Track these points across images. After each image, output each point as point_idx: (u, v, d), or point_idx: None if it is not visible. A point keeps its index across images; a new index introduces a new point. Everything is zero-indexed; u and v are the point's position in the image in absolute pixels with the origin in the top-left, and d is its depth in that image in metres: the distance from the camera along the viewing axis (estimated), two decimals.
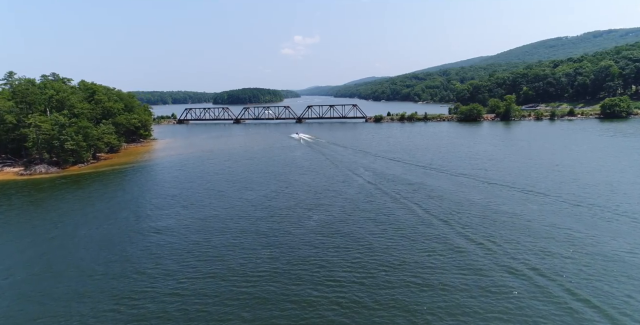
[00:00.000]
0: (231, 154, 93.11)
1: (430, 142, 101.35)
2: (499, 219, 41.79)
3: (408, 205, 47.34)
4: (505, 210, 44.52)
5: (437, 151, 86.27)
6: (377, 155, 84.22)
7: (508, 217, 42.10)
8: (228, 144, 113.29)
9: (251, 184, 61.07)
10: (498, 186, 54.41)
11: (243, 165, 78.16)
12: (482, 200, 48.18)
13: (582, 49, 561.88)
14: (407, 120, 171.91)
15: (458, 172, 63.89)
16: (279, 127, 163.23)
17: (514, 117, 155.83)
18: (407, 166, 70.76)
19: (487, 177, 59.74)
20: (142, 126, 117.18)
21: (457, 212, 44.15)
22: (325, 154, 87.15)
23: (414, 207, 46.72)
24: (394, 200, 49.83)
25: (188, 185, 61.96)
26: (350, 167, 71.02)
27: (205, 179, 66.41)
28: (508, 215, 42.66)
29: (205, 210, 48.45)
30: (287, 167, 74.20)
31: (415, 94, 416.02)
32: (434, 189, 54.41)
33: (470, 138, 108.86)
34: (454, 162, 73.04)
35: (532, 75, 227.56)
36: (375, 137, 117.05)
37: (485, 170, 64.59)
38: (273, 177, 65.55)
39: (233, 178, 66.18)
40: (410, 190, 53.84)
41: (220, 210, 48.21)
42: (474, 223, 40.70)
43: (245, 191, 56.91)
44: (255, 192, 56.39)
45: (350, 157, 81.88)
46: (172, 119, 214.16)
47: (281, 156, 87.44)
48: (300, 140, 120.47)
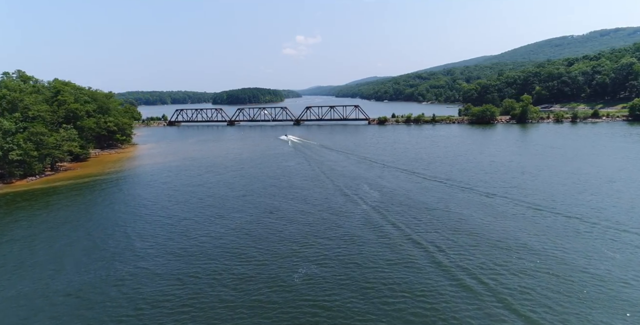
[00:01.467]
0: (214, 164, 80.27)
1: (443, 149, 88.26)
2: (587, 284, 28.78)
3: (432, 255, 34.31)
4: (584, 267, 31.47)
5: (454, 161, 73.20)
6: (384, 165, 71.23)
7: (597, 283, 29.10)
8: (215, 151, 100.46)
9: (226, 210, 48.12)
10: (550, 215, 41.26)
11: (224, 179, 65.28)
12: (539, 241, 35.09)
13: (589, 48, 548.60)
14: (414, 122, 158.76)
15: (487, 191, 50.81)
16: (275, 130, 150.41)
17: (531, 119, 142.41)
18: (422, 182, 57.67)
19: (530, 199, 46.55)
20: (118, 130, 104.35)
21: (509, 270, 31.11)
22: (322, 165, 74.16)
23: (441, 258, 33.65)
24: (409, 240, 36.79)
25: (147, 210, 49.07)
26: (352, 184, 58.00)
27: (173, 199, 53.55)
28: (596, 279, 29.65)
29: (146, 258, 35.48)
30: (275, 184, 61.19)
31: (419, 94, 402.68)
32: (462, 218, 41.34)
33: (488, 144, 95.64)
34: (479, 175, 59.91)
35: (545, 74, 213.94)
36: (380, 143, 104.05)
37: (522, 189, 51.47)
38: (255, 199, 52.60)
39: (206, 199, 53.26)
40: (431, 223, 40.75)
41: (167, 258, 35.23)
42: (541, 294, 27.67)
43: (215, 222, 43.88)
44: (228, 222, 43.40)
45: (352, 169, 68.88)
46: (163, 120, 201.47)
47: (271, 167, 74.52)
48: (289, 142, 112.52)
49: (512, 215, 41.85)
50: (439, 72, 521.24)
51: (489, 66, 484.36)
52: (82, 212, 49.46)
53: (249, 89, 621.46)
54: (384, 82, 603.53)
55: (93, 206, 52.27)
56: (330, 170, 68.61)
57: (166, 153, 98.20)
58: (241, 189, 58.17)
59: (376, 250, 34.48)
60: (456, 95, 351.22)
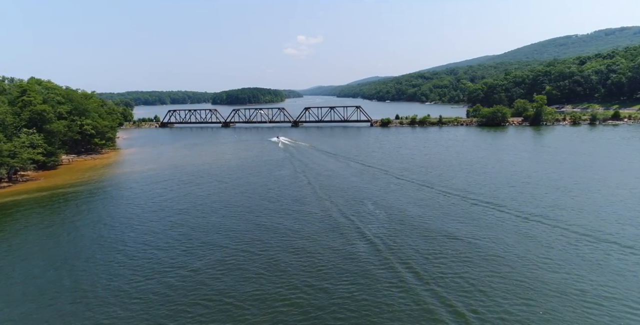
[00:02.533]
0: (198, 173, 70.85)
1: (455, 156, 78.66)
2: None
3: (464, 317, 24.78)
4: None
5: (470, 170, 63.57)
6: (390, 174, 61.73)
7: None
8: (202, 156, 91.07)
9: (195, 242, 38.69)
10: (617, 249, 31.69)
11: (204, 192, 55.83)
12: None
13: (595, 47, 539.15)
14: (419, 124, 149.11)
15: (521, 212, 41.18)
16: (272, 132, 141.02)
17: (545, 121, 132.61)
18: (437, 197, 48.08)
19: (586, 227, 36.94)
20: (97, 134, 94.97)
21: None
22: (320, 176, 64.64)
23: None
24: (433, 296, 27.24)
25: (102, 236, 39.66)
26: (354, 203, 48.48)
27: (138, 220, 44.15)
28: None
29: (92, 310, 26.05)
30: (261, 203, 51.63)
31: (422, 94, 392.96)
32: (499, 254, 31.73)
33: (504, 150, 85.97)
34: (505, 190, 50.26)
35: (556, 73, 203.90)
36: (384, 147, 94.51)
37: (564, 210, 41.86)
38: (233, 226, 43.16)
39: (177, 223, 43.80)
40: (459, 260, 31.20)
41: (117, 312, 25.79)
42: None
43: (176, 263, 34.48)
44: (192, 261, 33.95)
45: (353, 181, 59.35)
46: (155, 122, 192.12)
47: (260, 177, 65.03)
48: (279, 143, 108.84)
49: (574, 250, 32.25)
50: (441, 72, 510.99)
51: (493, 65, 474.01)
52: (14, 239, 40.06)
53: (249, 89, 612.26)
54: (385, 82, 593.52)
55: (30, 231, 42.83)
56: (328, 183, 59.10)
57: (148, 159, 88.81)
58: (220, 209, 48.69)
59: (372, 310, 24.96)
60: (460, 95, 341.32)
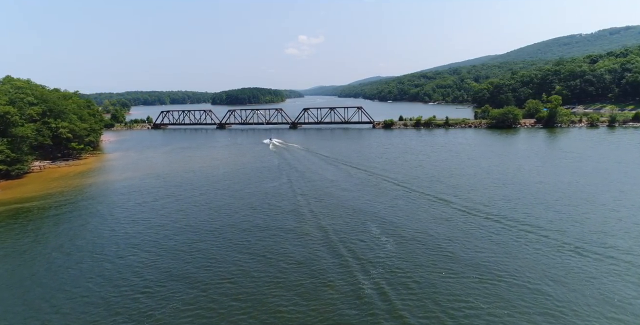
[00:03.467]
0: (180, 184, 62.84)
1: (468, 163, 70.42)
2: None
3: None
4: None
5: (489, 181, 55.31)
6: (396, 184, 53.58)
7: None
8: (189, 163, 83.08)
9: (157, 279, 30.66)
10: None
11: (181, 211, 47.81)
12: None
13: (600, 46, 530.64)
14: (424, 126, 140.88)
15: (569, 241, 33.01)
16: (269, 134, 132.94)
17: (560, 123, 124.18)
18: (456, 217, 39.91)
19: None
20: (75, 138, 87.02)
21: None
22: (315, 187, 56.51)
23: None
24: None
25: (54, 267, 31.67)
26: (354, 226, 40.40)
27: (99, 245, 36.18)
28: None
29: None
30: (243, 226, 43.62)
31: (425, 93, 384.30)
32: (562, 312, 23.61)
33: (521, 156, 77.56)
34: (537, 209, 41.93)
35: (566, 72, 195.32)
36: (388, 152, 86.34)
37: (613, 237, 33.75)
38: (206, 259, 35.14)
39: (138, 253, 35.78)
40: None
41: None
42: None
43: (128, 310, 26.35)
44: (149, 307, 25.87)
45: (354, 196, 51.24)
46: (147, 123, 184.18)
47: (248, 190, 56.94)
48: (270, 145, 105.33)
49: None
50: (444, 72, 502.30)
51: (497, 65, 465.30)
52: None
53: (249, 89, 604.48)
54: (387, 82, 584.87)
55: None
56: (325, 198, 50.99)
57: (128, 166, 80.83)
58: (194, 232, 40.63)
59: None
60: (465, 95, 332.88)
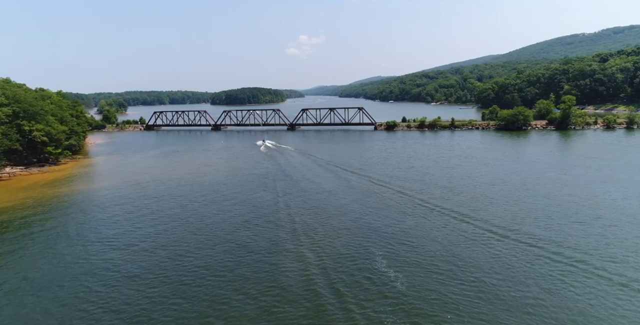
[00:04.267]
0: (159, 195, 55.92)
1: (483, 169, 63.30)
2: None
3: None
4: None
5: (509, 194, 48.24)
6: (405, 196, 46.53)
7: None
8: (174, 169, 76.17)
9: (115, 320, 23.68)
10: None
11: (155, 225, 40.88)
12: None
13: (604, 46, 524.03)
14: (429, 128, 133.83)
15: (627, 274, 26.01)
16: (265, 136, 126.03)
17: (574, 124, 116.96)
18: (480, 241, 32.83)
19: None
20: (52, 141, 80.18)
21: None
22: (311, 203, 49.53)
23: None
24: None
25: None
26: (356, 254, 33.40)
27: (57, 275, 29.18)
28: None
29: None
30: (224, 243, 36.73)
31: (428, 94, 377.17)
32: None
33: (540, 162, 70.39)
34: (575, 232, 34.79)
35: (576, 72, 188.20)
36: (392, 157, 79.29)
37: None
38: (177, 300, 28.18)
39: (98, 288, 28.83)
40: None
41: None
42: None
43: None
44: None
45: (354, 211, 44.25)
46: (140, 124, 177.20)
47: (233, 203, 49.91)
48: (262, 147, 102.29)
49: None
50: (447, 71, 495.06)
51: (500, 64, 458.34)
52: None
53: (248, 89, 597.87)
54: (389, 82, 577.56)
55: None
56: (321, 215, 44.01)
57: (107, 173, 73.97)
58: (164, 256, 33.69)
59: None
60: (468, 95, 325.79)
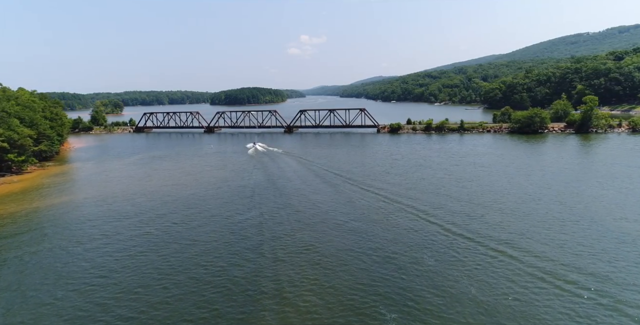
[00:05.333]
0: (124, 215, 46.83)
1: (503, 182, 53.92)
2: None
3: None
4: None
5: (547, 216, 38.99)
6: (415, 215, 37.20)
7: None
8: (151, 180, 67.03)
9: None
10: None
11: (109, 255, 31.77)
12: None
13: (609, 45, 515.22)
14: (436, 130, 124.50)
15: None
16: (260, 140, 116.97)
17: (595, 127, 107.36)
18: (530, 287, 23.55)
19: None
20: (14, 148, 71.05)
21: None
22: (304, 227, 40.31)
23: None
24: None
25: None
26: (359, 305, 24.18)
27: None
28: None
29: None
30: (190, 282, 27.53)
31: (431, 94, 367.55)
32: None
33: (571, 173, 60.93)
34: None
35: (589, 70, 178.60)
36: (398, 164, 69.92)
37: None
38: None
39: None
40: None
41: None
42: None
43: None
44: None
45: (355, 241, 35.02)
46: (129, 126, 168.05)
47: (210, 229, 40.74)
48: (252, 149, 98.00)
49: None
50: (450, 71, 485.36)
51: (504, 64, 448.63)
52: None
53: (248, 89, 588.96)
54: (390, 82, 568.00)
55: None
56: (314, 244, 34.80)
57: (74, 184, 64.89)
58: (113, 299, 24.48)
59: None
60: (473, 95, 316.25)
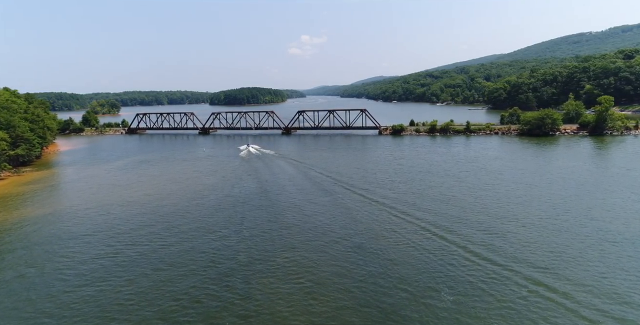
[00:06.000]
0: (92, 231, 41.02)
1: (524, 192, 47.98)
2: None
3: None
4: None
5: (591, 237, 33.13)
6: (427, 231, 31.31)
7: None
8: (134, 187, 61.17)
9: None
10: None
11: (63, 292, 25.98)
12: None
13: (612, 44, 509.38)
14: (440, 132, 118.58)
15: None
16: (256, 142, 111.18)
17: (611, 129, 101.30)
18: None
19: None
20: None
21: None
22: (293, 252, 34.43)
23: None
24: None
25: None
26: None
27: None
28: None
29: None
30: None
31: (433, 94, 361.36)
32: None
33: (598, 179, 55.03)
34: None
35: (598, 69, 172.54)
36: (403, 170, 63.97)
37: None
38: None
39: None
40: None
41: None
42: None
43: None
44: None
45: (358, 261, 29.09)
46: (122, 127, 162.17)
47: (180, 248, 34.93)
48: (244, 151, 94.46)
49: None
50: (451, 71, 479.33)
51: (507, 63, 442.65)
52: None
53: (248, 89, 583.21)
54: (391, 81, 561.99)
55: None
56: (308, 269, 28.91)
57: (47, 194, 59.02)
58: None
59: None
60: (476, 95, 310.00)
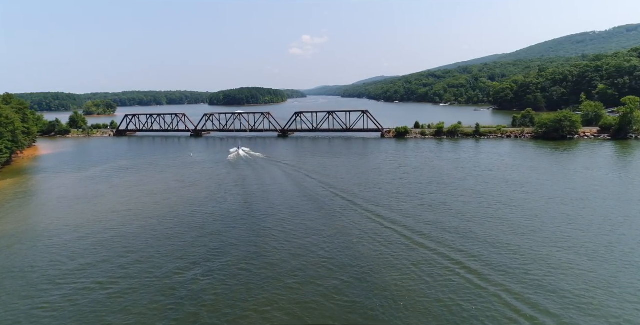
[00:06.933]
0: (37, 263, 33.17)
1: (559, 210, 39.91)
2: None
3: None
4: None
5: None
6: (450, 263, 23.33)
7: None
8: (102, 201, 53.20)
9: None
10: None
11: None
12: None
13: (617, 44, 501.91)
14: (447, 135, 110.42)
15: None
16: (250, 145, 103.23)
17: (636, 132, 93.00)
18: None
19: None
20: None
21: None
22: (281, 280, 26.42)
23: None
24: None
25: None
26: None
27: None
28: None
29: None
30: None
31: (436, 94, 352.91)
32: None
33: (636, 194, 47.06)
34: None
35: (611, 68, 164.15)
36: (409, 180, 55.85)
37: None
38: None
39: None
40: None
41: None
42: None
43: None
44: None
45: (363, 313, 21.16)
46: (110, 129, 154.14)
47: (156, 273, 27.01)
48: (233, 154, 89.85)
49: None
50: (454, 70, 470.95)
51: (511, 63, 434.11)
52: None
53: (247, 89, 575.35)
54: (393, 81, 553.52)
55: None
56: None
57: (27, 202, 51.10)
58: None
59: None
60: (480, 95, 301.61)
